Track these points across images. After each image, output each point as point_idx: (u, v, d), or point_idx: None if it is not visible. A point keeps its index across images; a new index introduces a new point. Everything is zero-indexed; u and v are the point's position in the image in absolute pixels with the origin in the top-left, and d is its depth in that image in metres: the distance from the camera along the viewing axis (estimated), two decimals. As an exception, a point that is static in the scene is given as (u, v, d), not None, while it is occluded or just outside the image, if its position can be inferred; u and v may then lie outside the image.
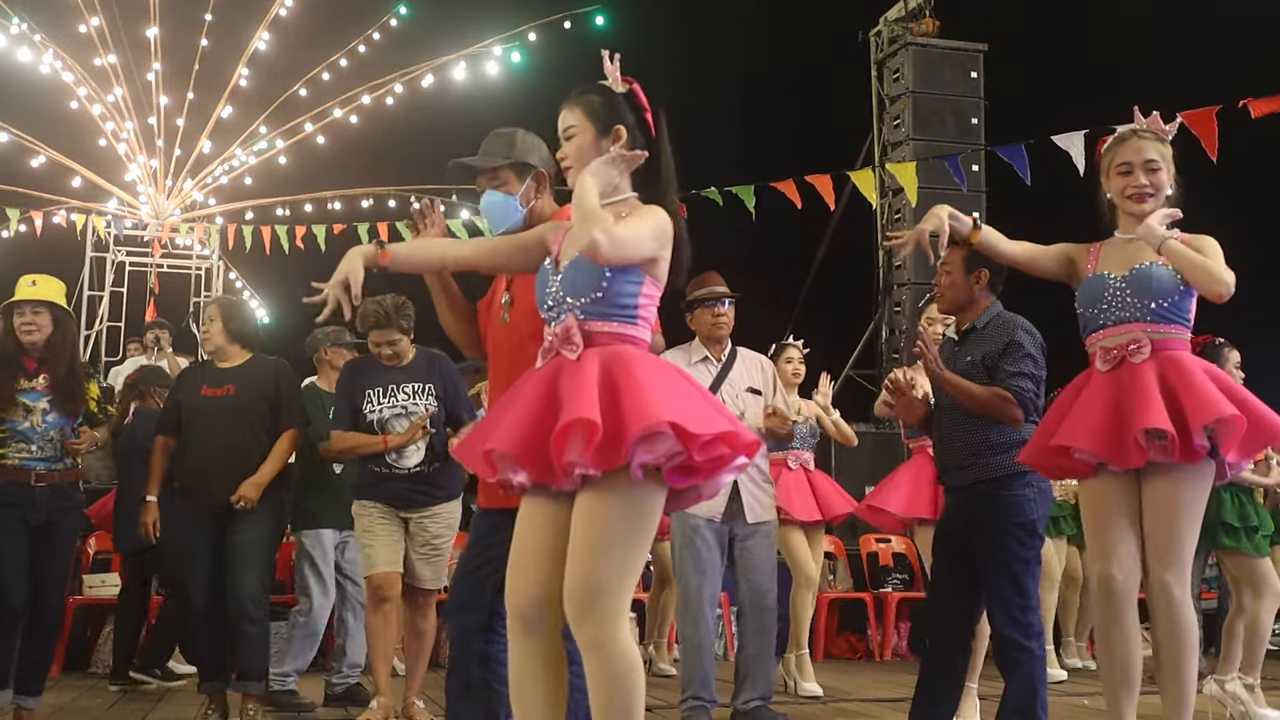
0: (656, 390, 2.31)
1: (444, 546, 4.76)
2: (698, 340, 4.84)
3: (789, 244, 13.96)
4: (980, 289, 3.82)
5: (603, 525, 2.33)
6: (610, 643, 2.29)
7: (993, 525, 3.60)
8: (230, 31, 14.39)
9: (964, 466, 3.69)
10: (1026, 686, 3.55)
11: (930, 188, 11.91)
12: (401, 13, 14.36)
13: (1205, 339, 4.93)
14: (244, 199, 14.78)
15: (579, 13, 13.72)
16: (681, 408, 2.30)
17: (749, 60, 17.23)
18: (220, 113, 14.58)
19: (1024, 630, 3.55)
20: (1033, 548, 3.61)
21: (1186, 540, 3.08)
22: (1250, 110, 6.96)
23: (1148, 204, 3.20)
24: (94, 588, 6.68)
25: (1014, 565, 3.58)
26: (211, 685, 4.71)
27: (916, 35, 13.82)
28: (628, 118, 2.56)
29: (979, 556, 3.64)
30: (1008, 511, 3.59)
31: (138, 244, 13.87)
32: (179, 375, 5.27)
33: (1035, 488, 3.62)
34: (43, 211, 11.97)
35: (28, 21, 13.49)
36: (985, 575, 3.63)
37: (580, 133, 2.56)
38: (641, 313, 2.49)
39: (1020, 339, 3.69)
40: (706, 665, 4.56)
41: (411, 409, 4.71)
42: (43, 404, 4.45)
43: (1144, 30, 14.16)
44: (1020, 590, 3.57)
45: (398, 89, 14.31)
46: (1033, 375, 3.66)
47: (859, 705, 5.38)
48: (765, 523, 4.66)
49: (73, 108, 14.21)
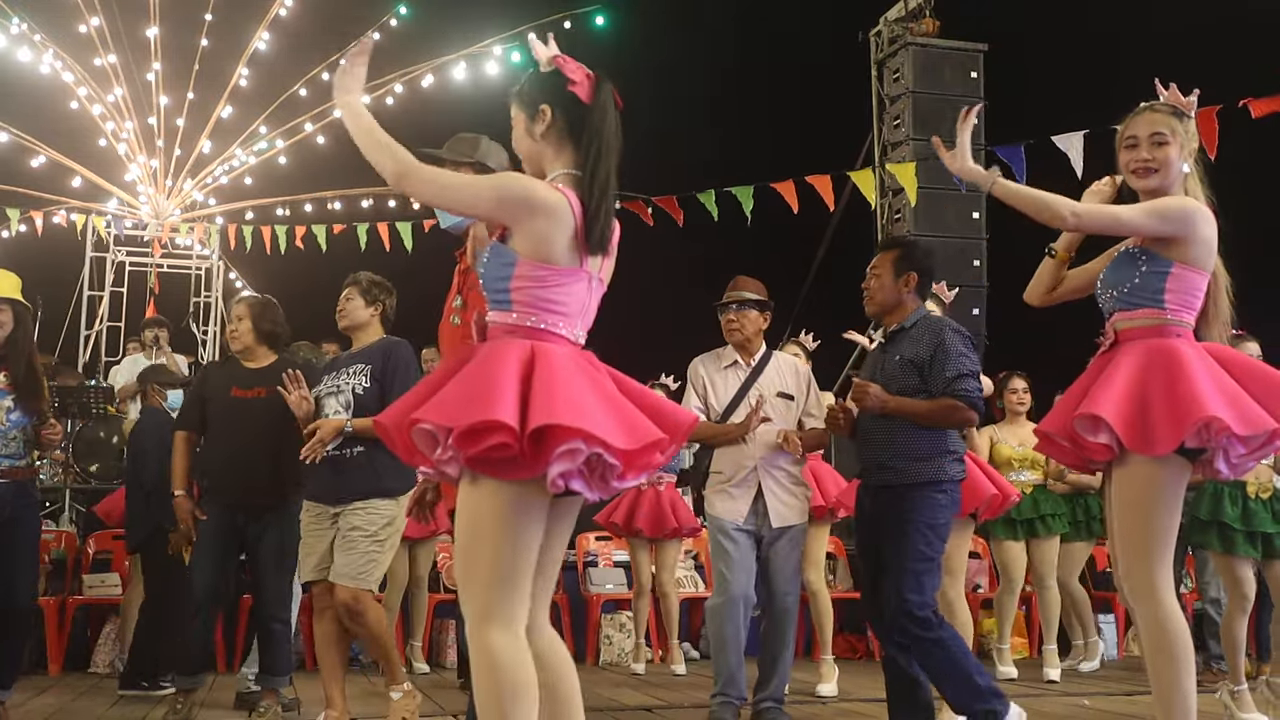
0: (456, 386, 2.27)
1: (361, 540, 4.33)
2: (730, 345, 4.85)
3: (789, 244, 13.96)
4: (909, 291, 3.94)
5: (462, 527, 2.35)
6: (477, 636, 2.28)
7: (901, 520, 3.69)
8: (230, 31, 14.39)
9: (884, 467, 3.78)
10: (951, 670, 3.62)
11: (929, 188, 11.93)
12: (401, 13, 14.36)
13: None
14: (244, 199, 14.78)
15: (579, 13, 13.72)
16: (461, 401, 2.22)
17: (749, 60, 17.23)
18: (220, 113, 14.57)
19: (922, 624, 3.63)
20: (936, 549, 3.70)
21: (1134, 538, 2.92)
22: (1250, 110, 6.96)
23: (1151, 180, 3.03)
24: (94, 588, 6.68)
25: (917, 562, 3.67)
26: (192, 681, 4.71)
27: (916, 35, 13.82)
28: (553, 94, 2.46)
29: (885, 548, 3.73)
30: (918, 511, 3.68)
31: (138, 244, 13.86)
32: (204, 372, 5.18)
33: (949, 495, 3.73)
34: (43, 211, 11.97)
35: (28, 21, 13.49)
36: (888, 565, 3.71)
37: (516, 122, 2.53)
38: (519, 298, 2.35)
39: (948, 340, 3.77)
40: (734, 663, 4.57)
41: (343, 387, 4.47)
42: (7, 401, 4.44)
43: (1144, 30, 14.15)
44: (917, 588, 3.65)
45: (398, 89, 14.31)
46: (972, 372, 3.75)
47: (859, 705, 5.38)
48: (792, 526, 4.66)
49: (73, 108, 14.20)
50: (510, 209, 2.35)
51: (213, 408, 4.80)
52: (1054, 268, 3.31)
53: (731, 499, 4.62)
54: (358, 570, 4.32)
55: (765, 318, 4.85)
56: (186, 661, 4.75)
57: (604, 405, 2.27)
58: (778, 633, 4.66)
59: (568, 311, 2.39)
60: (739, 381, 4.76)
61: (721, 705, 4.57)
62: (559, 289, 2.36)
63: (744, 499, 4.62)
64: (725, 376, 4.78)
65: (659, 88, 16.33)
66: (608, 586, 7.41)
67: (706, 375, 4.80)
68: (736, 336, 4.79)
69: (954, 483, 3.74)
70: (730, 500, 4.62)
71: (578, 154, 2.44)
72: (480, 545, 2.29)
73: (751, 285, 4.86)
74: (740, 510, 4.60)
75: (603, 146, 2.43)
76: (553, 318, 2.36)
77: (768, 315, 4.86)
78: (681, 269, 12.96)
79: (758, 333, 4.82)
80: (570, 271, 2.37)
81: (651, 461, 2.32)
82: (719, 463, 4.69)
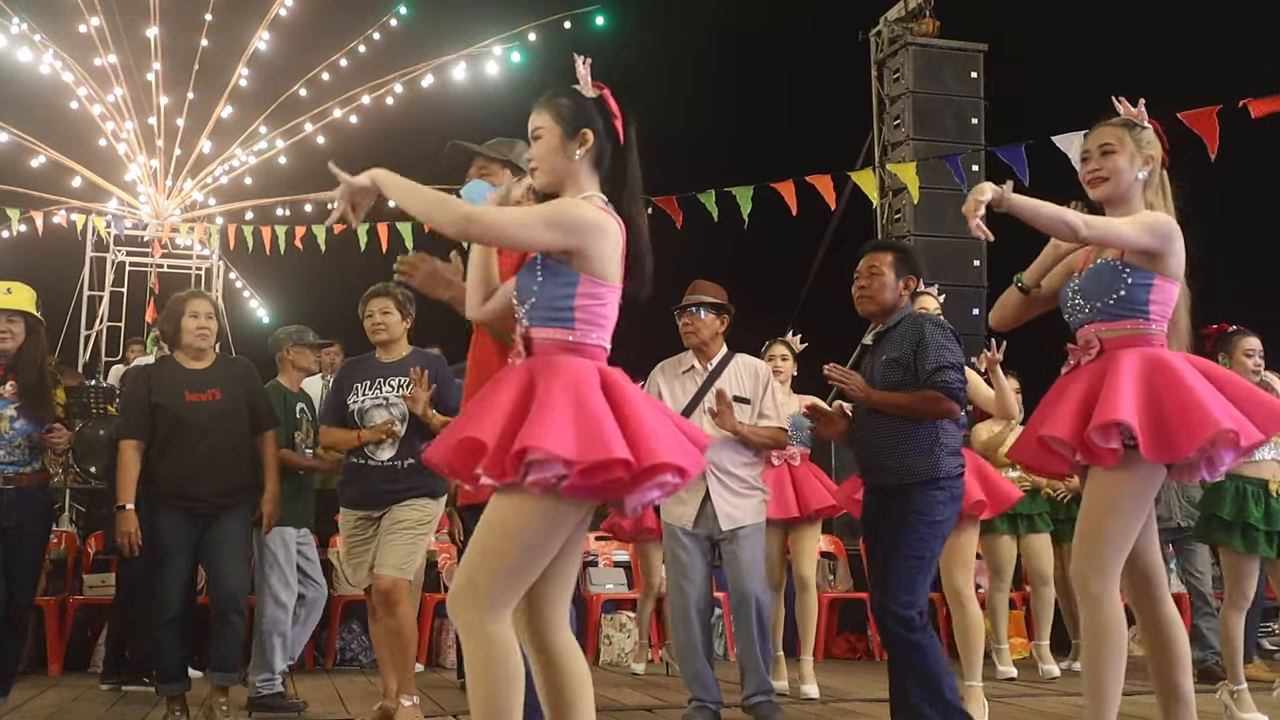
0: (558, 411, 2.32)
1: (404, 533, 4.55)
2: (690, 350, 4.86)
3: (789, 243, 13.95)
4: (906, 294, 3.98)
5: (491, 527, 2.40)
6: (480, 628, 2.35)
7: (900, 517, 3.69)
8: (230, 31, 14.39)
9: (883, 468, 3.78)
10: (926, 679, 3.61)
11: (929, 188, 11.91)
12: (401, 13, 14.36)
13: (1221, 328, 4.94)
14: (244, 199, 14.77)
15: (579, 13, 13.72)
16: (577, 431, 2.30)
17: (748, 60, 17.23)
18: (220, 113, 14.57)
19: (907, 625, 3.62)
20: (930, 547, 3.68)
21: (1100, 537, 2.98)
22: (1250, 110, 6.96)
23: (1102, 189, 3.13)
24: (94, 588, 6.68)
25: (909, 559, 3.65)
26: (175, 688, 4.67)
27: (916, 35, 13.80)
28: (596, 122, 2.57)
29: (883, 543, 3.72)
30: (916, 508, 3.67)
31: (138, 244, 13.86)
32: (144, 374, 4.86)
33: (948, 492, 3.71)
34: (43, 211, 11.97)
35: (28, 21, 13.49)
36: (884, 559, 3.70)
37: (548, 134, 2.56)
38: (581, 315, 2.46)
39: (927, 333, 3.79)
40: (699, 666, 4.60)
41: (393, 400, 4.67)
42: (10, 410, 4.50)
43: (1144, 30, 14.15)
44: (909, 586, 3.64)
45: (398, 89, 14.30)
46: (952, 364, 3.76)
47: (859, 705, 5.38)
48: (744, 527, 4.66)
49: (73, 108, 14.20)
50: (579, 234, 2.44)
51: (165, 414, 4.62)
52: (1024, 302, 3.40)
53: (681, 503, 4.65)
54: (401, 560, 4.52)
55: (723, 321, 4.86)
56: (164, 670, 4.67)
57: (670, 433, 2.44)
58: (744, 631, 4.68)
59: (610, 326, 2.55)
60: (696, 385, 4.77)
61: (697, 709, 4.58)
62: (608, 305, 2.51)
63: (692, 503, 4.64)
64: (683, 381, 4.82)
65: (658, 88, 16.33)
66: (608, 586, 7.42)
67: (664, 382, 4.83)
68: (693, 340, 4.82)
69: (951, 478, 3.73)
70: (680, 504, 4.65)
71: (602, 183, 2.58)
72: (509, 546, 2.37)
73: (709, 289, 4.88)
74: (688, 514, 4.64)
75: (636, 190, 2.59)
76: (602, 333, 2.52)
77: (725, 319, 4.87)
78: (681, 269, 12.96)
79: (714, 336, 4.83)
80: (616, 288, 2.53)
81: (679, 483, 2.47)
82: None
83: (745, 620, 4.66)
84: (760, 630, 4.68)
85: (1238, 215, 13.44)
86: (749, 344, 5.21)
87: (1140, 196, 3.14)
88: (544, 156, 2.57)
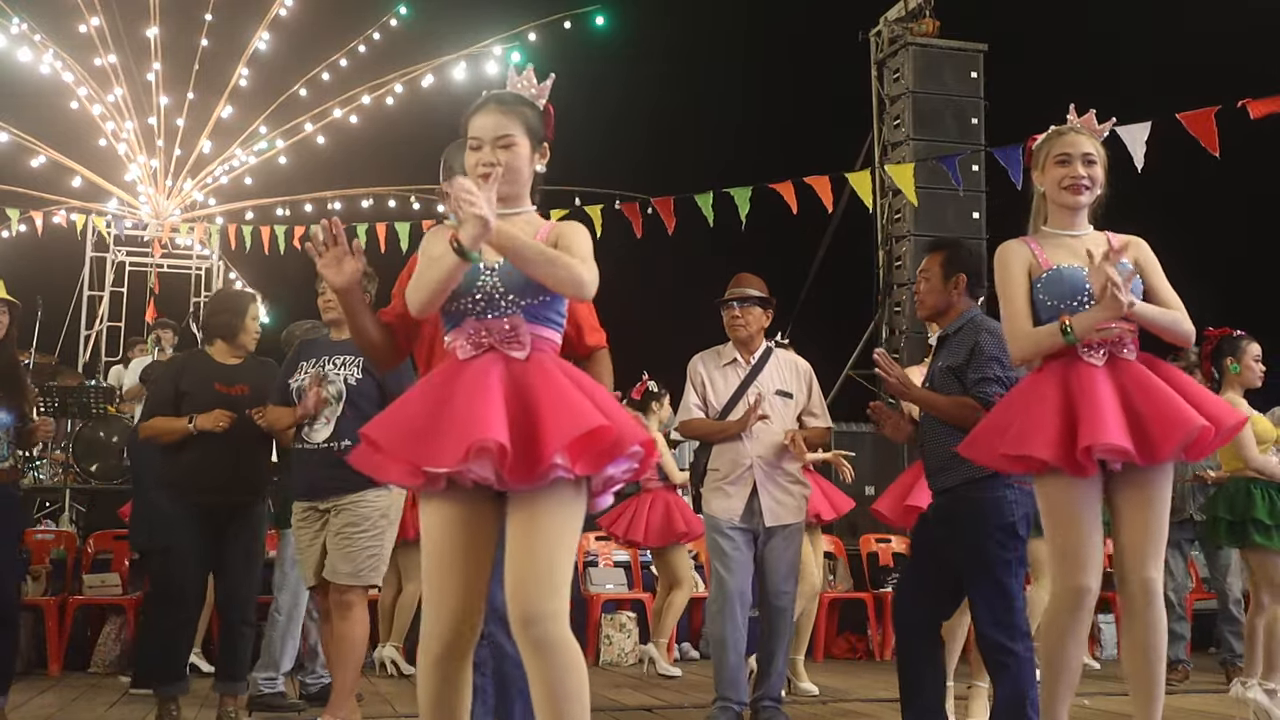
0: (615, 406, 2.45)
1: (356, 537, 4.23)
2: (730, 343, 4.84)
3: (789, 243, 13.96)
4: (958, 293, 3.87)
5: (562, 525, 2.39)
6: (565, 638, 2.34)
7: (973, 528, 3.60)
8: (230, 31, 14.41)
9: (944, 470, 3.71)
10: (1014, 689, 3.54)
11: (929, 188, 11.91)
12: (401, 13, 14.38)
13: (1224, 332, 4.93)
14: (244, 199, 14.79)
15: (579, 13, 13.73)
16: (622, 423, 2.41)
17: (748, 60, 17.24)
18: (220, 113, 14.58)
19: (1009, 632, 3.54)
20: (1013, 549, 3.60)
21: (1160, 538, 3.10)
22: (1249, 110, 6.96)
23: (1084, 197, 3.18)
24: (94, 588, 6.68)
25: (995, 567, 3.57)
26: (181, 687, 4.61)
27: (916, 35, 13.80)
28: (547, 135, 2.63)
29: (961, 559, 3.64)
30: (987, 514, 3.59)
31: (138, 244, 13.87)
32: (175, 365, 4.90)
33: (1016, 489, 3.61)
34: (43, 211, 11.96)
35: (28, 21, 13.50)
36: (968, 578, 3.63)
37: (520, 145, 2.55)
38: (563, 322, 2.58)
39: (982, 342, 3.70)
40: (733, 665, 4.55)
41: (332, 378, 4.31)
42: None
43: (1144, 30, 14.15)
44: (1003, 592, 3.56)
45: (398, 89, 14.32)
46: (998, 378, 3.66)
47: (859, 705, 5.38)
48: (787, 525, 4.65)
49: (73, 108, 14.22)
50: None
51: (193, 403, 4.56)
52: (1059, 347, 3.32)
53: (727, 497, 4.62)
54: (357, 568, 4.24)
55: (768, 315, 4.85)
56: (173, 669, 4.61)
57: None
58: (773, 631, 4.65)
59: None
60: (738, 379, 4.76)
61: (721, 709, 4.54)
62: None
63: (739, 497, 4.62)
64: (725, 374, 4.78)
65: (658, 88, 16.33)
66: (608, 586, 7.42)
67: (705, 373, 4.80)
68: (741, 333, 4.79)
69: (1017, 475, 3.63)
70: (726, 498, 4.62)
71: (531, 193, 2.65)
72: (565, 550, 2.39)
73: (755, 282, 4.86)
74: (736, 508, 4.61)
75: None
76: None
77: (770, 313, 4.86)
78: (681, 269, 12.97)
79: (760, 330, 4.82)
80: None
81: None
82: (716, 460, 4.69)
83: (777, 620, 4.64)
84: (787, 632, 4.69)
85: (1237, 215, 13.46)
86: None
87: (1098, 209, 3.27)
88: (519, 168, 2.56)
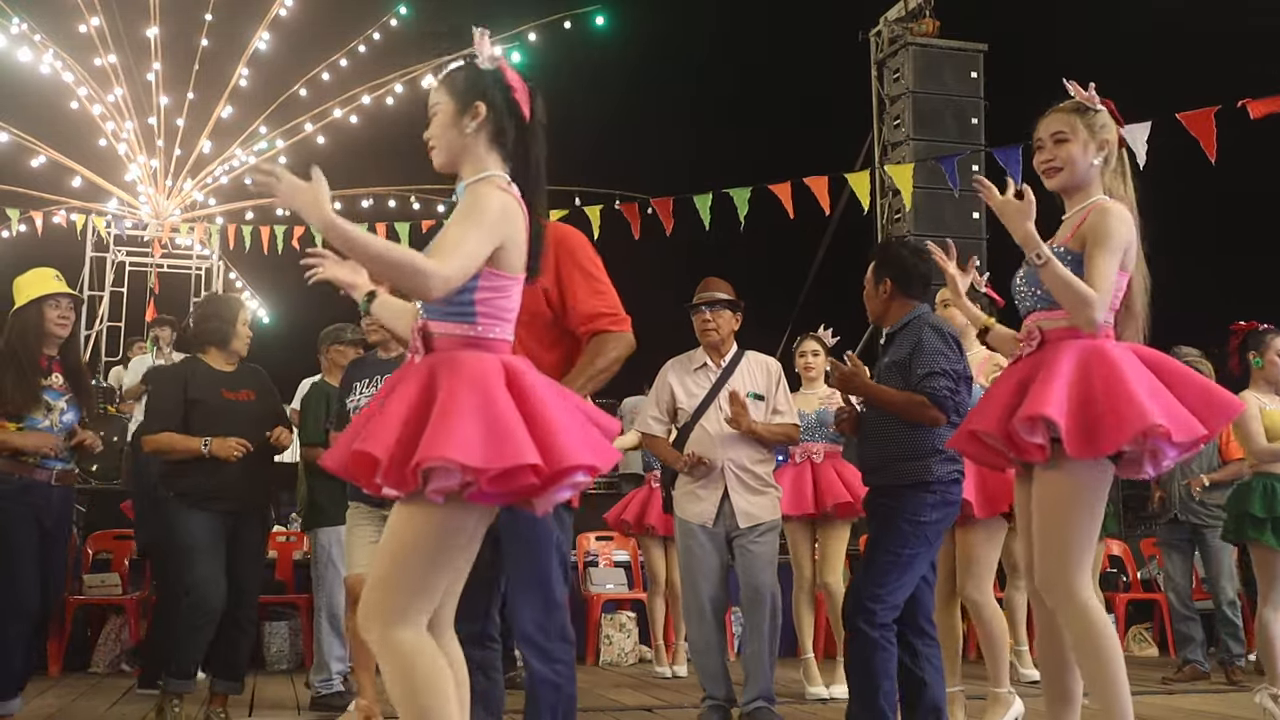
0: (463, 417, 2.16)
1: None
2: (701, 347, 4.85)
3: (789, 244, 13.96)
4: (886, 296, 3.89)
5: (400, 537, 2.27)
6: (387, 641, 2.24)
7: (886, 517, 3.65)
8: (230, 31, 14.41)
9: (878, 469, 3.74)
10: (863, 671, 3.57)
11: (928, 188, 11.93)
12: (401, 13, 14.39)
13: (1250, 326, 4.92)
14: (244, 199, 14.80)
15: (579, 13, 13.75)
16: (483, 436, 2.14)
17: (749, 60, 17.24)
18: (220, 113, 14.59)
19: (868, 617, 3.56)
20: (911, 546, 3.61)
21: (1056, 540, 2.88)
22: (1249, 110, 6.97)
23: (1058, 179, 3.03)
24: (94, 588, 6.68)
25: (884, 556, 3.60)
26: (189, 685, 4.58)
27: (916, 35, 13.82)
28: (491, 95, 2.38)
29: (869, 543, 3.69)
30: (903, 510, 3.62)
31: (138, 244, 13.89)
32: (178, 373, 4.88)
33: (939, 496, 3.64)
34: (43, 211, 11.98)
35: (28, 21, 13.50)
36: (866, 557, 3.67)
37: (442, 109, 2.40)
38: (483, 309, 2.31)
39: (925, 338, 3.70)
40: (714, 665, 4.57)
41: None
42: (62, 403, 4.36)
43: (1144, 30, 14.16)
44: (880, 581, 3.58)
45: (398, 89, 14.33)
46: (945, 371, 3.64)
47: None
48: (761, 524, 4.66)
49: (73, 108, 14.24)
50: (501, 228, 2.29)
51: (202, 410, 4.55)
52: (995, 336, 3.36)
53: (699, 500, 4.65)
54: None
55: (737, 318, 4.86)
56: (185, 666, 4.57)
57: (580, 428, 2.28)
58: (755, 631, 4.64)
59: (513, 318, 2.37)
60: (709, 382, 4.77)
61: (710, 709, 4.56)
62: (511, 297, 2.35)
63: (710, 500, 4.63)
64: (696, 378, 4.80)
65: (658, 88, 16.33)
66: (608, 586, 7.42)
67: (675, 381, 4.81)
68: (713, 337, 4.80)
69: (943, 483, 3.66)
70: (697, 501, 4.65)
71: (504, 161, 2.40)
72: (415, 558, 2.25)
73: (723, 286, 4.87)
74: (708, 512, 4.63)
75: (540, 170, 2.42)
76: (505, 326, 2.34)
77: (739, 316, 4.87)
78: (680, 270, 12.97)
79: (730, 333, 4.84)
80: (519, 278, 2.37)
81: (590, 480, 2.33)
82: None
83: (757, 616, 4.64)
84: (770, 629, 4.68)
85: (1237, 215, 13.45)
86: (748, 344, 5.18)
87: (1098, 182, 3.04)
88: (439, 134, 2.41)
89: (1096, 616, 2.84)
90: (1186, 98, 6.74)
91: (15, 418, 4.22)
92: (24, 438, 4.21)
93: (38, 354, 4.32)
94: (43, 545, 4.28)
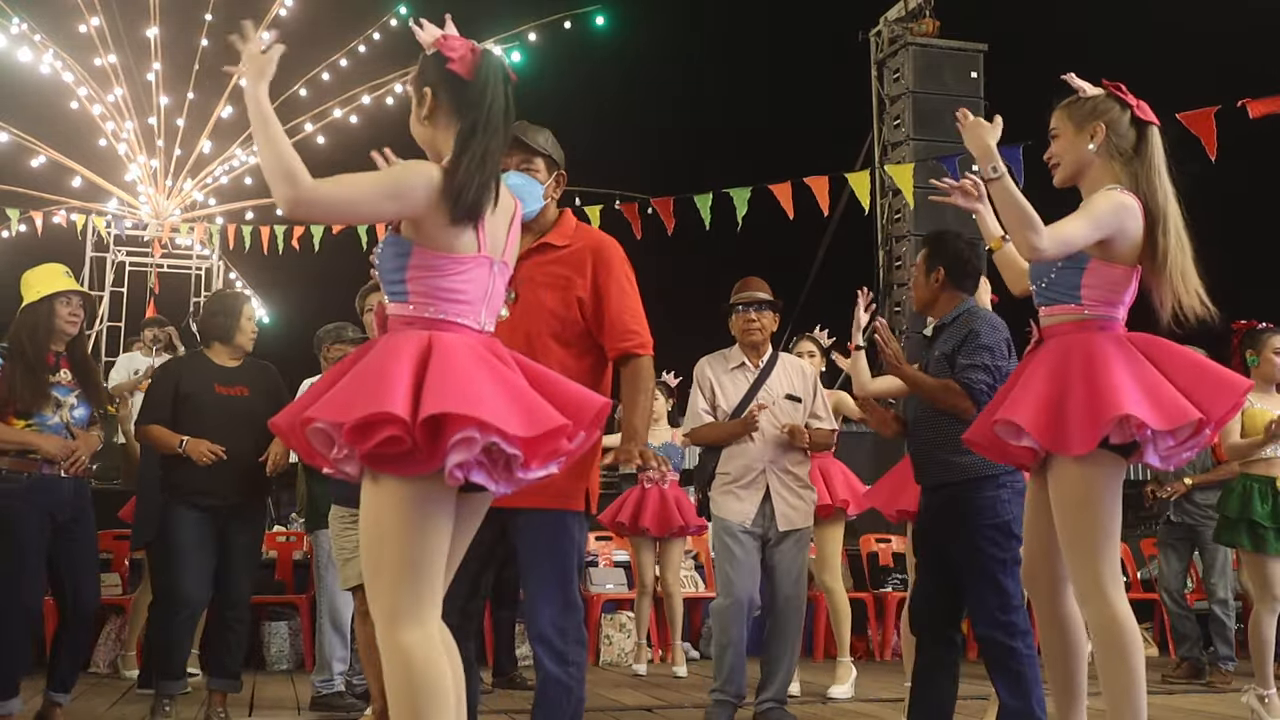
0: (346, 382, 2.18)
1: None
2: (737, 346, 4.84)
3: (788, 244, 13.97)
4: (938, 286, 3.87)
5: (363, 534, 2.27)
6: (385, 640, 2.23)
7: (966, 527, 3.58)
8: (230, 32, 14.37)
9: (931, 464, 3.70)
10: (1018, 686, 3.52)
11: (928, 188, 11.92)
12: (401, 13, 14.38)
13: (1250, 324, 4.93)
14: (244, 199, 14.81)
15: (579, 13, 13.75)
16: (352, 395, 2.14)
17: (749, 60, 17.25)
18: (220, 113, 14.59)
19: (1007, 630, 3.53)
20: (1008, 549, 3.57)
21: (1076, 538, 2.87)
22: (1249, 110, 6.96)
23: (1058, 175, 3.11)
24: (94, 588, 6.67)
25: (990, 566, 3.56)
26: (180, 685, 4.58)
27: (916, 35, 13.82)
28: (430, 75, 2.40)
29: (956, 557, 3.63)
30: (980, 513, 3.57)
31: (138, 244, 13.88)
32: (175, 367, 4.89)
33: (1009, 489, 3.60)
34: (43, 211, 11.98)
35: (28, 21, 13.50)
36: (964, 577, 3.61)
37: (413, 107, 2.45)
38: (413, 287, 2.27)
39: (978, 329, 3.68)
40: (735, 663, 4.56)
41: None
42: (71, 398, 4.35)
43: (1144, 30, 14.16)
44: (998, 590, 3.55)
45: (398, 89, 14.32)
46: (987, 366, 3.62)
47: (859, 705, 5.38)
48: (798, 530, 4.67)
49: (73, 108, 14.24)
50: (411, 200, 2.24)
51: (192, 405, 4.56)
52: (1002, 257, 3.40)
53: (739, 500, 4.62)
54: None
55: (775, 319, 4.86)
56: (174, 667, 4.59)
57: (502, 392, 2.17)
58: (781, 635, 4.66)
59: (469, 299, 2.30)
60: (747, 383, 4.75)
61: (718, 704, 4.57)
62: (458, 277, 2.28)
63: (751, 501, 4.62)
64: (733, 378, 4.78)
65: (658, 88, 16.33)
66: (608, 586, 7.42)
67: (714, 377, 4.79)
68: (756, 337, 4.78)
69: (1009, 473, 3.58)
70: (738, 502, 4.63)
71: (440, 117, 2.40)
72: (385, 546, 2.22)
73: (762, 285, 4.87)
74: (748, 512, 4.61)
75: (479, 120, 2.33)
76: (453, 307, 2.28)
77: (777, 316, 4.88)
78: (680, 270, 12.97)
79: (770, 334, 4.83)
80: (469, 258, 2.29)
81: (558, 449, 2.22)
82: (726, 464, 4.69)
83: (785, 624, 4.65)
84: (796, 636, 4.70)
85: (1236, 215, 13.45)
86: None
87: (1106, 169, 3.01)
88: (413, 132, 2.46)
89: (1126, 618, 2.82)
90: (1186, 98, 6.75)
91: (25, 415, 4.21)
92: (44, 440, 4.20)
93: (45, 350, 4.31)
94: (58, 541, 4.27)
